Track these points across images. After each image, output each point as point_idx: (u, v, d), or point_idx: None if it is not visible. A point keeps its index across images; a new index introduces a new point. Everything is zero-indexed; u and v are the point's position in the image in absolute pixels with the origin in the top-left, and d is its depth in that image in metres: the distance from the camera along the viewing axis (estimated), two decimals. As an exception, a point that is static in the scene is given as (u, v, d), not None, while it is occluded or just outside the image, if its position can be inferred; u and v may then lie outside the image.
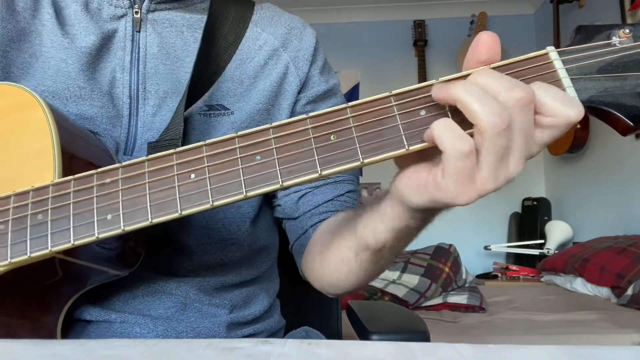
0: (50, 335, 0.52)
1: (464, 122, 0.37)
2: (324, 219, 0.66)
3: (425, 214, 0.44)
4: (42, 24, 0.61)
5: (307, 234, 0.67)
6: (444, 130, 0.36)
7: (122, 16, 0.62)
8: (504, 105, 0.36)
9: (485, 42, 0.39)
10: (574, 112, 0.37)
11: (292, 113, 0.68)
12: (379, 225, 0.48)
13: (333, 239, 0.57)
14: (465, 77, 0.40)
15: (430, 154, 0.40)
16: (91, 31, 0.61)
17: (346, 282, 0.58)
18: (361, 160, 0.39)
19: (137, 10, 0.62)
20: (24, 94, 0.49)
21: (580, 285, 2.28)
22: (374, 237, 0.49)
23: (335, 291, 0.62)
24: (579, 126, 2.93)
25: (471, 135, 0.37)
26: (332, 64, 0.76)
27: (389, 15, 3.76)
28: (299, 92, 0.69)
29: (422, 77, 3.55)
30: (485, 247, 3.23)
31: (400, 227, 0.46)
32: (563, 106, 0.37)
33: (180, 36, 0.65)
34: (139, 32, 0.63)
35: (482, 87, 0.37)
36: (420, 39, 3.66)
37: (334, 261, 0.57)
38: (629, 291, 1.96)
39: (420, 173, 0.40)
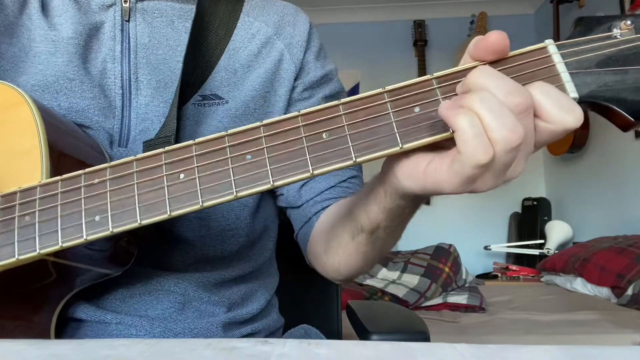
0: (43, 335, 0.52)
1: None
2: (326, 207, 0.65)
3: (417, 196, 0.44)
4: (30, 19, 0.61)
5: (311, 222, 0.66)
6: (472, 135, 0.34)
7: (110, 5, 0.62)
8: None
9: (496, 41, 0.37)
10: (573, 119, 0.36)
11: (290, 101, 0.68)
12: (372, 206, 0.48)
13: (333, 226, 0.58)
14: (463, 72, 0.39)
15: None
16: (77, 21, 0.61)
17: (346, 267, 0.59)
18: (354, 159, 0.39)
19: None
20: (10, 92, 0.48)
21: (580, 285, 2.28)
22: (368, 217, 0.49)
23: (338, 276, 0.63)
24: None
25: None
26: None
27: (389, 15, 3.76)
28: (295, 79, 0.68)
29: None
30: (485, 247, 3.23)
31: (391, 207, 0.46)
32: (562, 113, 0.36)
33: (171, 26, 0.64)
34: (128, 21, 0.62)
35: (481, 88, 0.36)
36: (420, 39, 3.66)
37: (334, 247, 0.58)
38: (629, 291, 1.96)
39: (420, 161, 0.39)
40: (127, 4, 0.62)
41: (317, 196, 0.66)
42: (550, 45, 0.39)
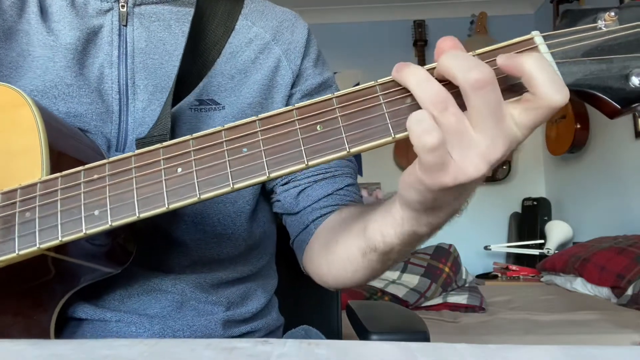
0: (43, 333, 0.52)
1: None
2: (324, 214, 0.65)
3: (432, 219, 0.44)
4: (29, 23, 0.61)
5: (309, 229, 0.66)
6: (413, 123, 0.37)
7: (108, 10, 0.62)
8: (460, 84, 0.36)
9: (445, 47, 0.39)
10: (560, 97, 0.36)
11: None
12: (388, 229, 0.48)
13: (340, 237, 0.57)
14: None
15: None
16: (75, 26, 0.61)
17: (351, 279, 0.58)
18: (347, 150, 0.39)
19: (123, 4, 0.62)
20: (11, 93, 0.49)
21: (580, 285, 2.28)
22: (383, 240, 0.49)
23: (338, 286, 0.63)
24: (578, 126, 2.93)
25: None
26: (332, 64, 0.75)
27: (389, 15, 3.76)
28: (293, 86, 0.68)
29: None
30: (485, 247, 3.23)
31: (408, 232, 0.46)
32: (553, 89, 0.36)
33: (168, 30, 0.64)
34: (126, 26, 0.62)
35: (445, 69, 0.37)
36: (420, 39, 3.67)
37: (341, 259, 0.57)
38: (629, 291, 1.96)
39: (411, 170, 0.41)
40: (125, 9, 0.62)
41: (314, 203, 0.66)
42: (537, 36, 0.41)
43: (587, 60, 0.40)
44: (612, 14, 0.40)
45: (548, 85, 0.36)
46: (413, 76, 0.38)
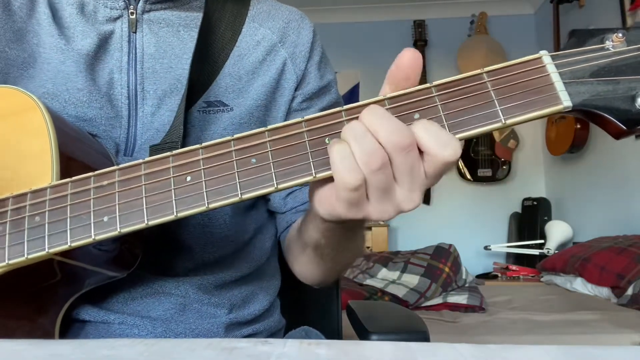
0: (47, 336, 0.52)
1: None
2: None
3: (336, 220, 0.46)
4: (39, 24, 0.61)
5: (289, 229, 0.69)
6: (338, 160, 0.38)
7: (117, 17, 0.62)
8: (383, 145, 0.38)
9: (408, 60, 0.42)
10: (449, 152, 0.38)
11: (289, 110, 0.69)
12: (309, 225, 0.53)
13: (292, 237, 0.64)
14: (456, 81, 0.41)
15: None
16: (88, 34, 0.61)
17: (305, 274, 0.65)
18: None
19: (132, 11, 0.62)
20: (22, 97, 0.49)
21: (580, 285, 2.28)
22: (308, 235, 0.54)
23: (308, 283, 0.68)
24: (578, 126, 2.93)
25: None
26: (332, 64, 0.76)
27: (389, 15, 3.77)
28: (296, 89, 0.69)
29: (422, 77, 3.53)
30: (485, 247, 3.23)
31: (324, 228, 0.49)
32: (439, 147, 0.38)
33: (176, 35, 0.65)
34: (135, 32, 0.63)
35: (366, 126, 0.39)
36: (420, 39, 3.67)
37: (294, 255, 0.65)
38: (629, 291, 1.96)
39: (326, 188, 0.42)
40: (134, 16, 0.63)
41: (300, 205, 0.68)
42: (544, 56, 0.41)
43: (594, 81, 0.40)
44: (620, 35, 0.40)
45: (433, 144, 0.38)
46: (350, 130, 0.39)
